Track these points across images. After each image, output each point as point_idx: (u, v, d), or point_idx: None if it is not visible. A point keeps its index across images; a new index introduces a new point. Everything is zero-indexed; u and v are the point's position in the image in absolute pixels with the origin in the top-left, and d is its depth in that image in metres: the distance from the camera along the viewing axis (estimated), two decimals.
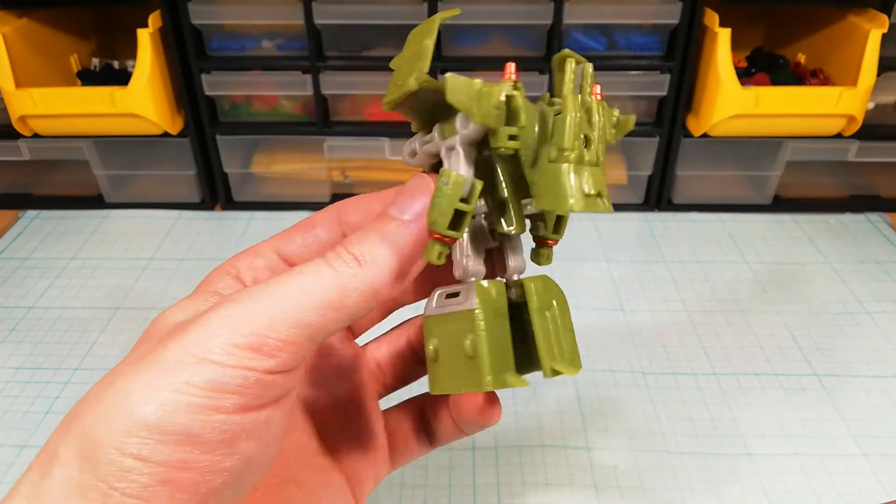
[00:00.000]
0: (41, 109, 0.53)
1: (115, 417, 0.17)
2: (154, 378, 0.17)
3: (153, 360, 0.18)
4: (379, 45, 0.54)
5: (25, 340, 0.44)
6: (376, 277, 0.19)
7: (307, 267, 0.19)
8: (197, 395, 0.17)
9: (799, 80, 0.57)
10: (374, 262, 0.19)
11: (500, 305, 0.20)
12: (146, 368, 0.17)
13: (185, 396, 0.17)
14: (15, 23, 0.53)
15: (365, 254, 0.19)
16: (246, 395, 0.18)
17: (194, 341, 0.18)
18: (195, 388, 0.17)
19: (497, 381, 0.19)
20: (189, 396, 0.17)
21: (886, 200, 0.59)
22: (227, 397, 0.17)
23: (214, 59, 0.54)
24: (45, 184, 0.61)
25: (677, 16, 0.50)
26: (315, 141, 0.56)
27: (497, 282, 0.20)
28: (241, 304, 0.18)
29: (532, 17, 0.51)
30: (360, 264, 0.19)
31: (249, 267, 0.22)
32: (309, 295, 0.18)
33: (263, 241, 0.23)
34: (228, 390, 0.17)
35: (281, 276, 0.19)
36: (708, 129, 0.54)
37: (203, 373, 0.17)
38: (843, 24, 0.54)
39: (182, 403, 0.17)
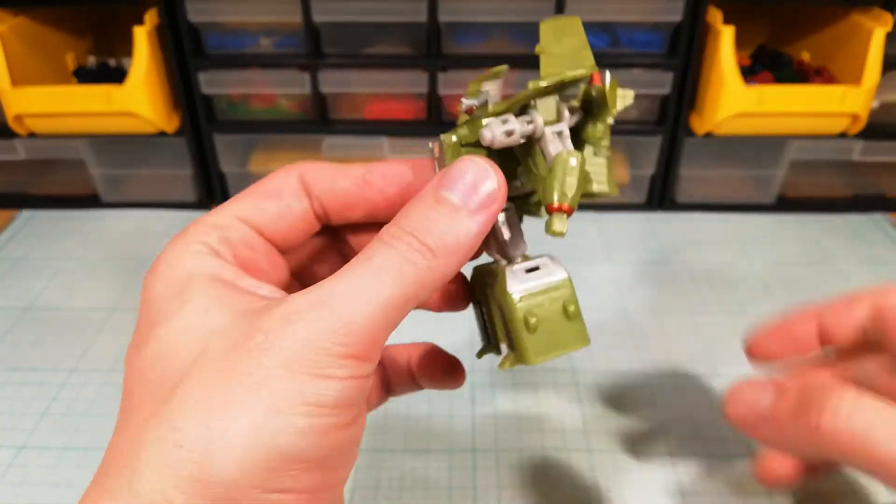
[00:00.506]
0: (37, 108, 0.52)
1: (243, 452, 0.15)
2: (274, 402, 0.16)
3: (260, 381, 0.16)
4: (378, 43, 0.53)
5: (22, 341, 0.44)
6: (450, 270, 0.18)
7: (378, 257, 0.17)
8: (328, 415, 0.16)
9: (803, 78, 0.57)
10: (448, 255, 0.18)
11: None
12: (256, 392, 0.16)
13: (318, 419, 0.16)
14: (11, 21, 0.53)
15: (439, 246, 0.18)
16: (360, 405, 0.17)
17: (300, 356, 0.16)
18: (326, 409, 0.16)
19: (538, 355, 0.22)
20: (321, 418, 0.16)
21: (891, 200, 0.59)
22: (349, 411, 0.17)
23: (211, 56, 0.53)
24: (41, 183, 0.61)
25: (680, 13, 0.50)
26: (313, 139, 0.56)
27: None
28: (332, 308, 0.17)
29: (533, 14, 0.50)
30: (436, 256, 0.18)
31: (224, 242, 0.20)
32: (394, 292, 0.17)
33: (220, 209, 0.21)
34: (349, 403, 0.16)
35: (356, 270, 0.17)
36: (711, 128, 0.53)
37: (327, 390, 0.16)
38: (848, 22, 0.54)
39: (319, 426, 0.16)
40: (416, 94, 0.55)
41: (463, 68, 0.53)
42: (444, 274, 0.18)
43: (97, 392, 0.40)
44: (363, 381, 0.17)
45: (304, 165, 0.22)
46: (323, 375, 0.16)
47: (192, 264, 0.19)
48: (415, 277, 0.17)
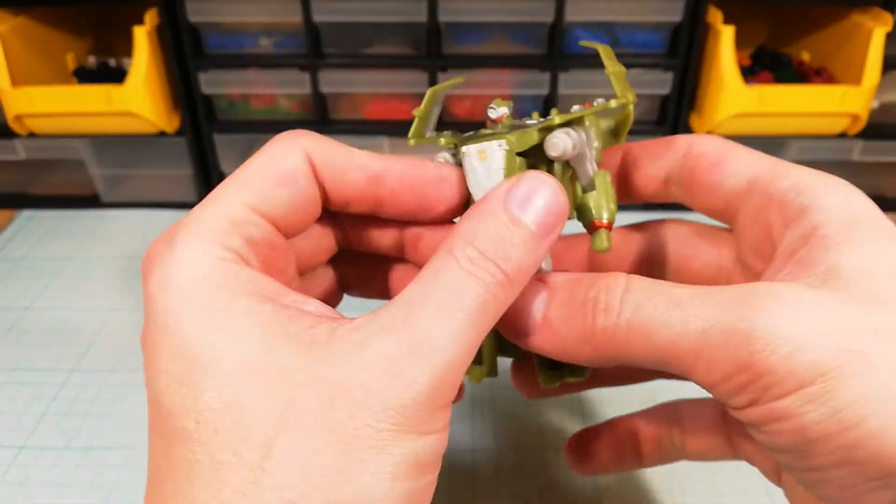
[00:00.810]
0: (37, 108, 0.52)
1: None
2: (391, 468, 0.14)
3: (374, 446, 0.14)
4: (378, 43, 0.53)
5: (22, 341, 0.44)
6: (516, 293, 0.17)
7: (459, 285, 0.16)
8: (429, 473, 0.15)
9: (803, 78, 0.57)
10: (521, 283, 0.17)
11: None
12: (374, 457, 0.14)
13: (422, 480, 0.15)
14: (11, 21, 0.53)
15: (517, 273, 0.17)
16: (441, 453, 0.16)
17: (407, 414, 0.15)
18: (430, 467, 0.15)
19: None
20: (425, 478, 0.15)
21: (891, 200, 0.59)
22: (439, 466, 0.16)
23: (211, 56, 0.53)
24: (40, 183, 0.61)
25: (680, 13, 0.50)
26: None
27: None
28: (425, 355, 0.15)
29: (533, 14, 0.50)
30: (512, 285, 0.17)
31: (249, 244, 0.17)
32: (479, 331, 0.16)
33: (225, 195, 0.18)
34: (435, 460, 0.16)
35: (437, 297, 0.16)
36: (711, 128, 0.53)
37: (431, 446, 0.15)
38: (848, 22, 0.54)
39: (425, 487, 0.15)
40: (417, 95, 0.55)
41: (463, 68, 0.53)
42: (511, 298, 0.17)
43: (97, 392, 0.40)
44: (446, 430, 0.16)
45: (308, 140, 0.20)
46: (426, 431, 0.15)
47: (224, 280, 0.16)
48: (493, 308, 0.16)
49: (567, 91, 0.53)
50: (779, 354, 0.15)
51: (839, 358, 0.15)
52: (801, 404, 0.15)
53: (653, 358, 0.17)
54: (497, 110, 0.21)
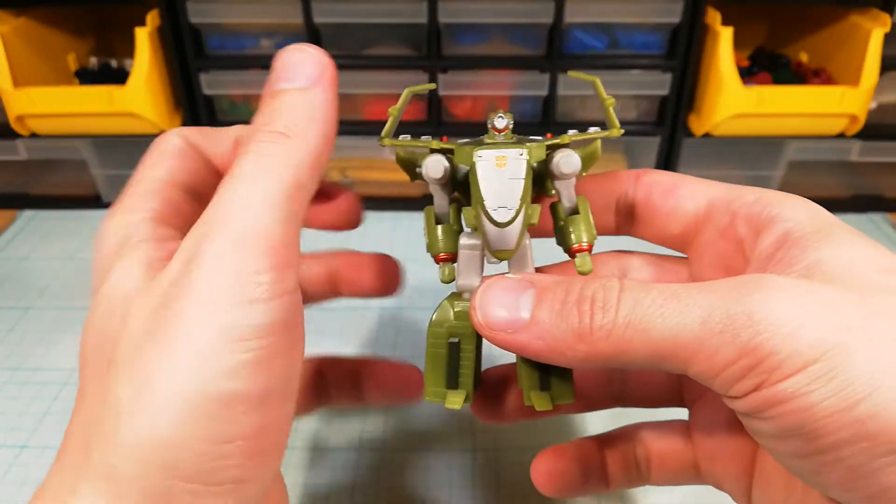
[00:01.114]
0: (39, 109, 0.53)
1: (180, 408, 0.15)
2: (200, 348, 0.15)
3: (184, 333, 0.15)
4: (379, 44, 0.54)
5: (23, 341, 0.44)
6: (315, 144, 0.18)
7: (243, 164, 0.17)
8: (257, 346, 0.15)
9: (801, 79, 0.57)
10: (303, 132, 0.18)
11: (459, 325, 0.21)
12: (182, 344, 0.15)
13: (247, 353, 0.15)
14: (13, 22, 0.53)
15: (290, 127, 0.18)
16: (293, 328, 0.16)
17: (214, 289, 0.16)
18: (254, 340, 0.15)
19: (432, 395, 0.22)
20: (249, 352, 0.15)
21: (889, 200, 0.59)
22: (282, 337, 0.16)
23: (213, 58, 0.54)
24: (42, 183, 0.61)
25: (679, 15, 0.50)
26: None
27: (467, 302, 0.21)
28: (227, 225, 0.16)
29: (533, 15, 0.50)
30: (289, 136, 0.18)
31: (164, 203, 0.20)
32: (273, 185, 0.17)
33: (145, 178, 0.21)
34: (280, 327, 0.16)
35: (230, 184, 0.17)
36: (710, 129, 0.53)
37: (251, 317, 0.16)
38: (846, 23, 0.54)
39: (251, 360, 0.15)
40: (416, 95, 0.55)
41: (463, 69, 0.53)
42: (311, 149, 0.18)
43: None
44: (289, 298, 0.16)
45: (181, 130, 0.22)
46: (244, 302, 0.16)
47: (126, 231, 0.19)
48: (281, 163, 0.17)
49: (566, 92, 0.53)
50: (781, 335, 0.15)
51: (841, 334, 0.15)
52: (806, 383, 0.15)
53: (650, 354, 0.17)
54: (504, 119, 0.21)
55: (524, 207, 0.19)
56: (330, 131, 0.19)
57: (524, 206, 0.19)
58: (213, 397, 0.15)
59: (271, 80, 0.19)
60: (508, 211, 0.19)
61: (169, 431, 0.15)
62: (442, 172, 0.21)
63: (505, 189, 0.19)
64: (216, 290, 0.16)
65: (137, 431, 0.15)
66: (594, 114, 0.56)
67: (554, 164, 0.20)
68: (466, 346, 0.22)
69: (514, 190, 0.19)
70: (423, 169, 0.21)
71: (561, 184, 0.21)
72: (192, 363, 0.15)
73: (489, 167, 0.19)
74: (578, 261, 0.21)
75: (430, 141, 0.21)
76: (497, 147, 0.20)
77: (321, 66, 0.19)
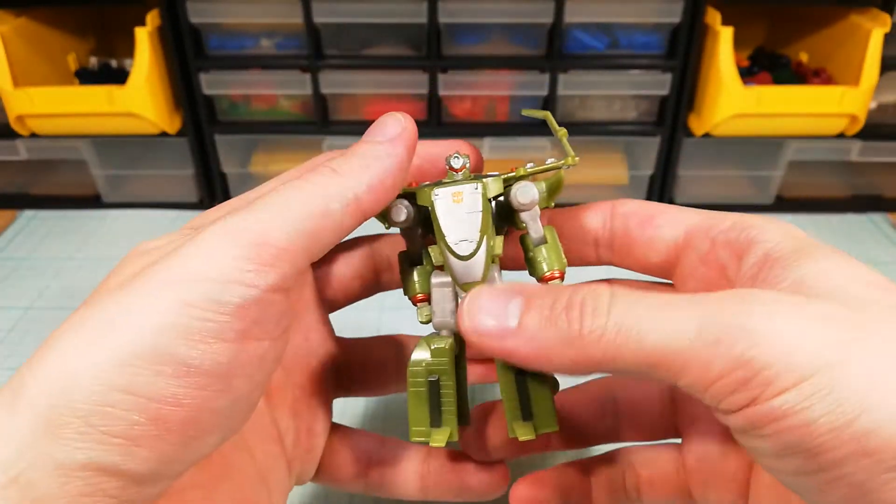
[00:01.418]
0: (39, 109, 0.53)
1: (99, 345, 0.16)
2: (146, 300, 0.16)
3: (143, 282, 0.16)
4: (379, 44, 0.54)
5: (23, 341, 0.44)
6: (354, 183, 0.19)
7: (288, 189, 0.19)
8: (197, 317, 0.16)
9: (801, 79, 0.57)
10: (349, 172, 0.19)
11: (437, 363, 0.21)
12: (135, 291, 0.16)
13: (183, 319, 0.16)
14: (13, 22, 0.53)
15: (343, 167, 0.19)
16: (246, 320, 0.17)
17: (188, 259, 0.17)
18: (195, 310, 0.16)
19: (416, 434, 0.22)
20: (188, 319, 0.16)
21: (889, 200, 0.59)
22: (228, 320, 0.16)
23: (213, 58, 0.54)
24: (42, 183, 0.61)
25: (679, 14, 0.50)
26: (314, 140, 0.56)
27: (443, 339, 0.22)
28: (234, 217, 0.18)
29: (533, 15, 0.50)
30: (337, 173, 0.19)
31: None
32: (297, 202, 0.18)
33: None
34: (228, 311, 0.16)
35: (266, 192, 0.19)
36: (710, 129, 0.53)
37: (202, 291, 0.16)
38: (846, 23, 0.54)
39: (181, 328, 0.16)
40: (417, 95, 0.55)
41: (463, 69, 0.53)
42: (351, 187, 0.19)
43: None
44: (264, 294, 0.17)
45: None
46: (201, 277, 0.16)
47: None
48: (316, 189, 0.18)
49: (566, 92, 0.53)
50: (775, 349, 0.15)
51: (836, 350, 0.15)
52: (803, 398, 0.15)
53: (641, 361, 0.16)
54: (460, 159, 0.22)
55: (485, 238, 0.20)
56: (388, 180, 0.20)
57: (484, 237, 0.20)
58: (144, 351, 0.16)
59: (367, 131, 0.21)
60: (470, 244, 0.20)
61: (88, 372, 0.15)
62: (404, 216, 0.22)
63: (464, 223, 0.20)
64: (195, 261, 0.17)
65: (56, 364, 0.16)
66: (594, 113, 0.56)
67: (512, 195, 0.21)
68: (446, 383, 0.22)
69: (473, 223, 0.20)
70: (388, 215, 0.22)
71: (526, 215, 0.22)
72: (139, 315, 0.16)
73: (447, 203, 0.20)
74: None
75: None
76: (453, 184, 0.21)
77: (400, 128, 0.20)
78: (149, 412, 0.15)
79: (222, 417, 0.17)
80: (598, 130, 0.55)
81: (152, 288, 0.16)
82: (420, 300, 0.23)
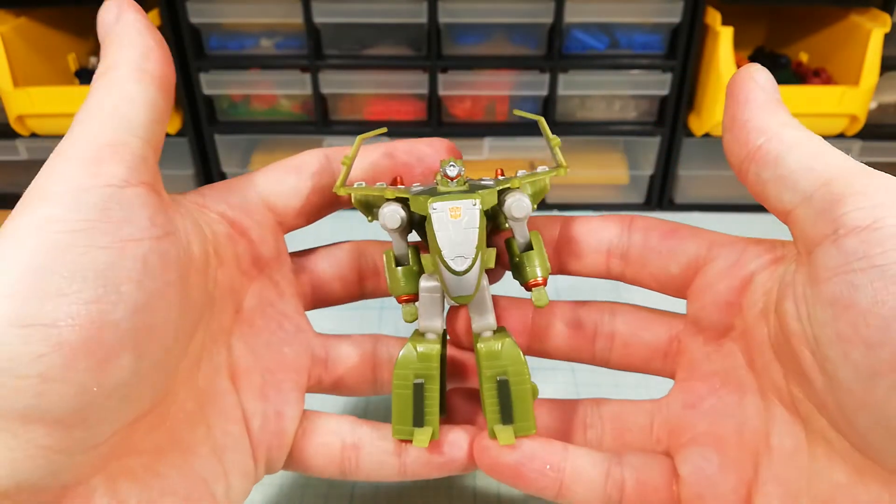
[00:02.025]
0: (39, 109, 0.53)
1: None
2: (15, 233, 0.17)
3: (11, 219, 0.17)
4: (378, 44, 0.54)
5: None
6: (126, 58, 0.19)
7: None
8: (62, 230, 0.16)
9: (801, 79, 0.57)
10: (114, 61, 0.19)
11: (423, 367, 0.22)
12: (6, 229, 0.17)
13: (52, 235, 0.16)
14: (13, 22, 0.53)
15: (103, 61, 0.20)
16: (111, 220, 0.17)
17: (39, 183, 0.18)
18: (59, 224, 0.16)
19: (399, 433, 0.23)
20: (56, 234, 0.16)
21: None
22: (94, 225, 0.17)
23: (213, 58, 0.54)
24: None
25: (679, 15, 0.50)
26: (314, 140, 0.56)
27: (430, 343, 0.22)
28: (61, 145, 0.18)
29: (533, 15, 0.50)
30: (106, 68, 0.19)
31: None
32: (98, 108, 0.18)
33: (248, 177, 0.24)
34: (92, 216, 0.17)
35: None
36: (710, 129, 0.53)
37: (60, 204, 0.17)
38: (846, 23, 0.54)
39: (51, 244, 0.16)
40: (417, 95, 0.55)
41: (463, 69, 0.53)
42: (126, 60, 0.19)
43: None
44: (128, 191, 0.18)
45: (329, 148, 0.24)
46: (77, 190, 0.17)
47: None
48: (106, 89, 0.19)
49: (566, 92, 0.53)
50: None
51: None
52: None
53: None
54: (455, 167, 0.22)
55: (480, 254, 0.21)
56: (146, 38, 0.20)
57: (480, 253, 0.21)
58: (26, 279, 0.16)
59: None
60: (465, 259, 0.20)
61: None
62: (399, 223, 0.22)
63: (461, 239, 0.20)
64: (44, 181, 0.18)
65: None
66: (594, 113, 0.56)
67: (506, 208, 0.22)
68: (430, 387, 0.22)
69: (470, 239, 0.20)
70: (381, 219, 0.22)
71: (516, 223, 0.22)
72: (13, 250, 0.16)
73: (444, 218, 0.21)
74: (535, 295, 0.22)
75: (385, 189, 0.22)
76: (451, 197, 0.21)
77: (116, 10, 0.20)
78: (49, 339, 0.15)
79: (126, 333, 0.17)
80: (598, 130, 0.56)
81: (18, 222, 0.17)
82: (405, 300, 0.23)
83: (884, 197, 0.17)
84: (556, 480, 0.22)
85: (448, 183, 0.22)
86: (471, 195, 0.21)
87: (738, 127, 0.21)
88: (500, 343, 0.22)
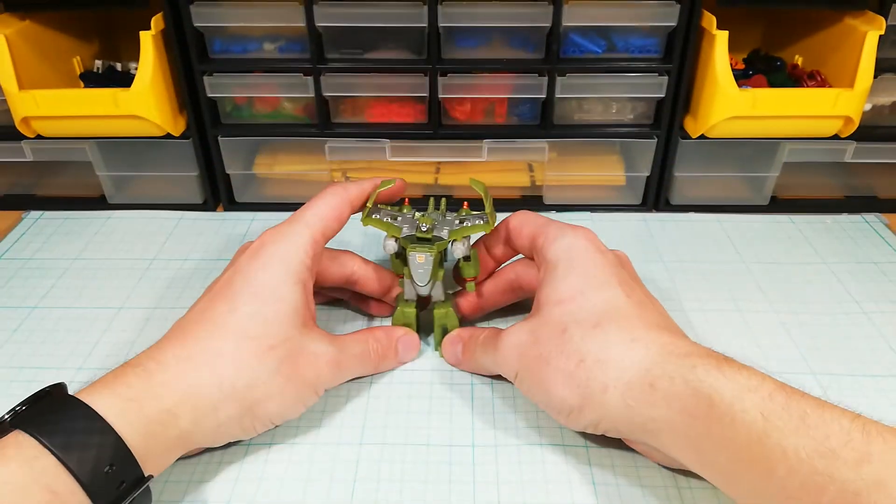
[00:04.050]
0: (44, 111, 0.53)
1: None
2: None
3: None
4: (380, 48, 0.54)
5: (28, 340, 0.45)
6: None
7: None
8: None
9: (796, 81, 0.57)
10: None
11: (406, 316, 0.42)
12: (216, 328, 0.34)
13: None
14: (18, 25, 0.53)
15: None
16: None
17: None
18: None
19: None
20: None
21: (883, 201, 0.60)
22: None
23: (216, 61, 0.54)
24: (48, 185, 0.62)
25: (675, 18, 0.51)
26: (316, 142, 0.57)
27: (410, 306, 0.42)
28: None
29: (531, 19, 0.51)
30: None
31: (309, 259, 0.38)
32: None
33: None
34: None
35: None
36: (706, 131, 0.54)
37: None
38: (840, 26, 0.54)
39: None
40: (417, 98, 0.56)
41: (462, 72, 0.54)
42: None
43: None
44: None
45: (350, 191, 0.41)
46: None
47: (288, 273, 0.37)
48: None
49: (564, 95, 0.54)
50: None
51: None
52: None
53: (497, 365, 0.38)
54: (426, 226, 0.39)
55: (432, 279, 0.39)
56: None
57: (432, 278, 0.39)
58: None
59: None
60: (425, 286, 0.40)
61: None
62: (395, 250, 0.40)
63: (423, 272, 0.39)
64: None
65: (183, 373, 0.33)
66: (592, 115, 0.56)
67: (450, 250, 0.40)
68: (411, 322, 0.43)
69: (427, 272, 0.39)
70: (384, 247, 0.40)
71: (457, 252, 0.40)
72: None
73: (415, 260, 0.39)
74: (469, 286, 0.43)
75: (391, 225, 0.40)
76: (420, 248, 0.38)
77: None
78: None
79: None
80: (595, 132, 0.56)
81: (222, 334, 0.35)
82: (399, 277, 0.42)
83: None
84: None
85: (421, 228, 0.39)
86: (430, 248, 0.38)
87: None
88: (445, 308, 0.42)
